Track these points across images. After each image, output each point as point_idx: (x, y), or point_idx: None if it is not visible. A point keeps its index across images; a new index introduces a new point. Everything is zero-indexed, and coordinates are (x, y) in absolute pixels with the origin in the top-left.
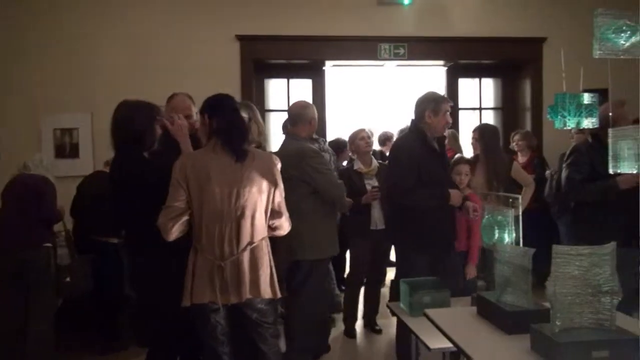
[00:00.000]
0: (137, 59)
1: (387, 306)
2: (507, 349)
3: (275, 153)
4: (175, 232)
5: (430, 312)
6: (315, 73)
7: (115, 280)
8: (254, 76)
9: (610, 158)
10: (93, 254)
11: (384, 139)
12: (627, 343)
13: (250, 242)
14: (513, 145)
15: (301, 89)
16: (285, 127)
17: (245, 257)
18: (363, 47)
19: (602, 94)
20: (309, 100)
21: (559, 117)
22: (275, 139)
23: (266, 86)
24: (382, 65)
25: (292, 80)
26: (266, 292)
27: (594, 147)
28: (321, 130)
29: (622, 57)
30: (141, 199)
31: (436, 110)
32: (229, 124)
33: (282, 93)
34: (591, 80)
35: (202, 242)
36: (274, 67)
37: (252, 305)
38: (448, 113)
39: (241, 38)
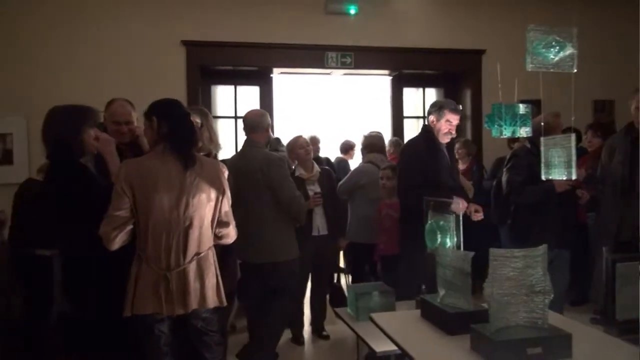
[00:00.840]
0: (78, 63)
1: (334, 311)
2: (449, 349)
3: (236, 159)
4: (118, 241)
5: (375, 316)
6: (262, 80)
7: (47, 296)
8: (200, 82)
9: (542, 165)
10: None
11: (347, 147)
12: (558, 339)
13: (198, 253)
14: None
15: (248, 96)
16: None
17: (192, 267)
18: (310, 55)
19: (535, 105)
20: (257, 107)
21: (496, 126)
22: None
23: (213, 93)
24: (329, 74)
25: (239, 87)
26: (213, 301)
27: (531, 152)
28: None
29: (552, 70)
30: (76, 208)
31: (439, 116)
32: (179, 129)
33: (229, 100)
34: (526, 92)
35: (147, 252)
36: (221, 74)
37: (197, 314)
38: (450, 121)
39: (187, 44)
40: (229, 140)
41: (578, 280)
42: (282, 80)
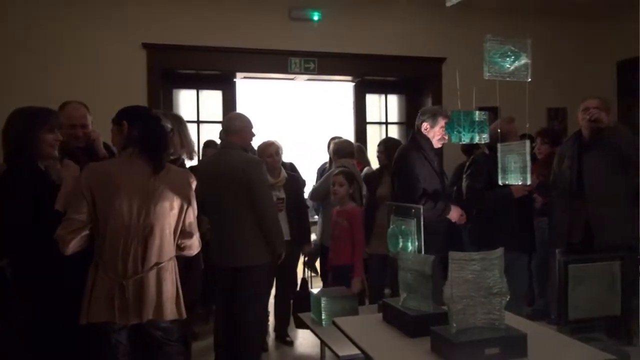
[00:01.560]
0: (37, 65)
1: (298, 317)
2: (410, 352)
3: (213, 160)
4: (74, 246)
5: (338, 320)
6: (225, 84)
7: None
8: (162, 86)
9: (499, 170)
10: None
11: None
12: (514, 339)
13: (157, 263)
14: None
15: (211, 100)
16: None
17: (151, 277)
18: (274, 60)
19: (493, 112)
20: (219, 112)
21: (455, 132)
22: None
23: (175, 97)
24: (293, 79)
25: (201, 91)
26: (171, 313)
27: (490, 158)
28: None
29: (508, 79)
30: (32, 212)
31: (433, 123)
32: (150, 133)
33: (192, 104)
34: (484, 99)
35: (104, 258)
36: (183, 78)
37: (155, 324)
38: (444, 127)
39: (148, 47)
40: None
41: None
42: (245, 84)
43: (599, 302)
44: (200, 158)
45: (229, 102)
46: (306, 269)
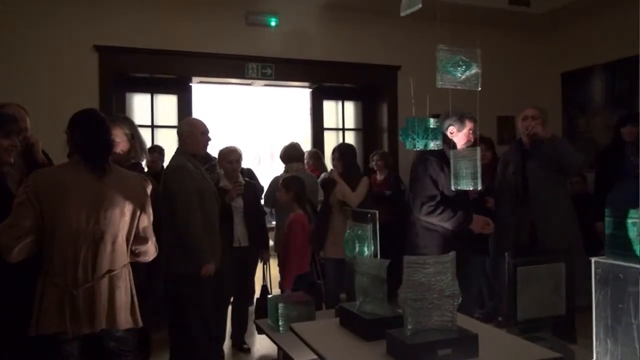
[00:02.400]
0: None
1: (255, 323)
2: (366, 355)
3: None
4: (18, 253)
5: (295, 326)
6: (181, 89)
7: None
8: (114, 90)
9: (452, 176)
10: None
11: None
12: (466, 340)
13: (110, 270)
14: (372, 164)
15: (166, 105)
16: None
17: (103, 285)
18: (231, 65)
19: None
20: (175, 116)
21: (410, 139)
22: None
23: (128, 101)
24: (250, 84)
25: (156, 96)
26: (126, 321)
27: (440, 165)
28: None
29: (459, 87)
30: None
31: (461, 126)
32: (92, 139)
33: (146, 108)
34: (438, 107)
35: (52, 267)
36: (137, 81)
37: (109, 333)
38: (471, 130)
39: (100, 49)
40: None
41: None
42: (202, 89)
43: (546, 303)
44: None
45: (184, 107)
46: (267, 275)
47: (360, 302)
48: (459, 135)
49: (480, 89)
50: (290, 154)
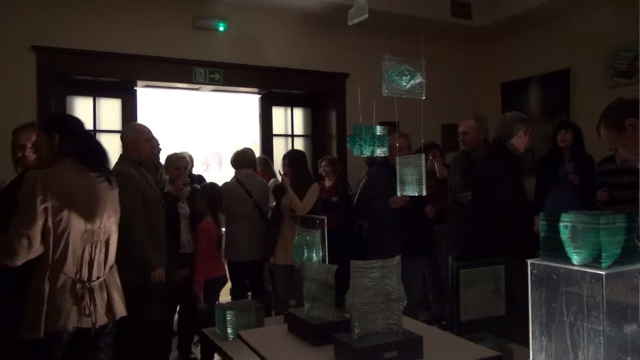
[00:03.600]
0: None
1: (202, 332)
2: None
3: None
4: (22, 260)
5: (243, 333)
6: (125, 93)
7: None
8: (54, 93)
9: (398, 182)
10: None
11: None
12: (411, 342)
13: (112, 265)
14: (320, 170)
15: (110, 109)
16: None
17: (111, 278)
18: (178, 70)
19: (393, 127)
20: (118, 121)
21: (357, 145)
22: None
23: (69, 104)
24: (197, 89)
25: (99, 99)
26: (122, 311)
27: (379, 172)
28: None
29: (404, 96)
30: None
31: (527, 130)
32: (87, 144)
33: (88, 112)
34: (385, 114)
35: (64, 264)
36: (78, 84)
37: (105, 327)
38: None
39: (38, 49)
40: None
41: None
42: (147, 93)
43: (487, 304)
44: None
45: (128, 112)
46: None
47: (308, 308)
48: (525, 139)
49: (424, 97)
50: (241, 159)
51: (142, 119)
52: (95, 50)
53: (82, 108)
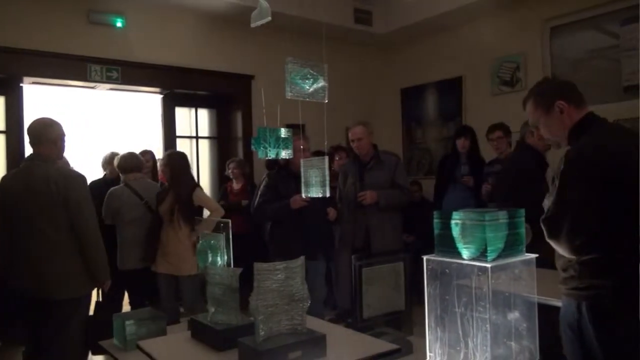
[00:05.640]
0: None
1: (98, 345)
2: None
3: (15, 175)
4: None
5: (143, 343)
6: (9, 89)
7: None
8: None
9: (302, 184)
10: None
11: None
12: (315, 341)
13: None
14: (228, 173)
15: None
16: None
17: None
18: (70, 66)
19: (299, 129)
20: (1, 119)
21: (262, 148)
22: None
23: None
24: (93, 88)
25: None
26: None
27: (280, 174)
28: (19, 154)
29: (308, 99)
30: None
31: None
32: None
33: None
34: (291, 117)
35: None
36: None
37: None
38: None
39: None
40: None
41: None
42: (36, 91)
43: (388, 300)
44: None
45: (14, 109)
46: (100, 292)
47: (212, 313)
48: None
49: (327, 101)
50: (129, 163)
51: (29, 118)
52: None
53: None
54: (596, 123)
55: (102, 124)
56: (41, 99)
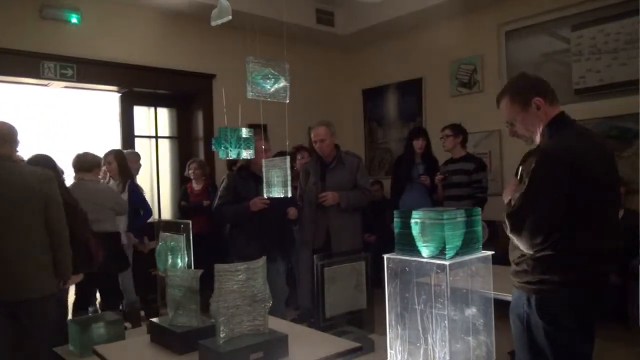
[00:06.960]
0: None
1: (55, 351)
2: None
3: None
4: None
5: (100, 348)
6: None
7: None
8: None
9: (264, 184)
10: None
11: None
12: (276, 341)
13: None
14: (189, 173)
15: None
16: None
17: None
18: (22, 63)
19: (260, 128)
20: None
21: (222, 148)
22: None
23: None
24: (46, 85)
25: None
26: None
27: (239, 175)
28: None
29: (269, 99)
30: None
31: None
32: None
33: None
34: (252, 117)
35: None
36: None
37: None
38: None
39: None
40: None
41: None
42: None
43: (350, 299)
44: None
45: None
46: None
47: (173, 316)
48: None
49: (288, 101)
50: (82, 162)
51: None
52: None
53: None
54: (567, 123)
55: (57, 123)
56: None
